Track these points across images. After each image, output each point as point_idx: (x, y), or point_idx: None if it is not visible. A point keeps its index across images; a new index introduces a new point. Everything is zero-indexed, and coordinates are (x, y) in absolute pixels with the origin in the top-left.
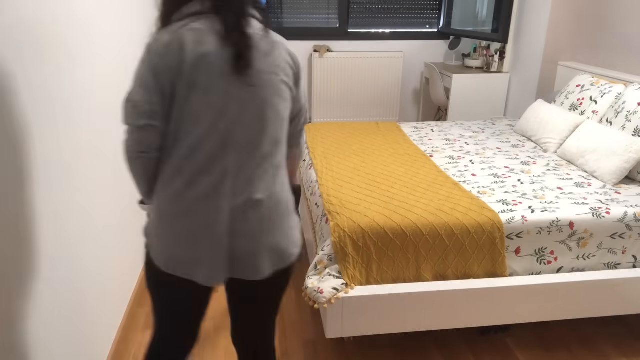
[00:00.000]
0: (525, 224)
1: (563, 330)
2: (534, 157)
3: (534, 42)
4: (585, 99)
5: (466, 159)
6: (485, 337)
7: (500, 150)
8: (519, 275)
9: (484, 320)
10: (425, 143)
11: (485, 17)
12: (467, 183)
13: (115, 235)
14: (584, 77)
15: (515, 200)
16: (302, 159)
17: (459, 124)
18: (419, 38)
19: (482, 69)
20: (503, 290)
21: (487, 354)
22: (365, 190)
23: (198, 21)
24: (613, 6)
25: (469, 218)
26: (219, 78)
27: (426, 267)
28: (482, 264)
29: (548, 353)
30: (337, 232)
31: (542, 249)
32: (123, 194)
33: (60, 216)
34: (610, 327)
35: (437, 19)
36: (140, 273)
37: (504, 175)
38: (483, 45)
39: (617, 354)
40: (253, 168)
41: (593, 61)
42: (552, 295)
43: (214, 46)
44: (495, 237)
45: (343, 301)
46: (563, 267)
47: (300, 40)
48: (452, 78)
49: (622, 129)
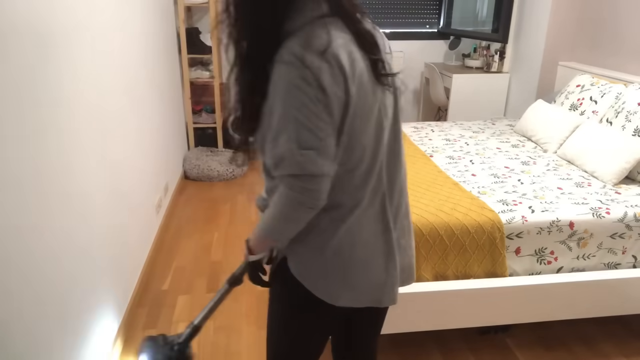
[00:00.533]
0: (525, 224)
1: (563, 330)
2: (534, 157)
3: (534, 42)
4: (585, 99)
5: (466, 159)
6: (485, 337)
7: (500, 150)
8: (519, 275)
9: (484, 320)
10: (425, 143)
11: (485, 17)
12: (467, 183)
13: (116, 235)
14: (584, 77)
15: (515, 200)
16: None
17: (459, 124)
18: (419, 38)
19: (482, 69)
20: (503, 290)
21: (487, 354)
22: None
23: (329, 28)
24: (613, 6)
25: (469, 218)
26: (372, 94)
27: (426, 267)
28: (482, 264)
29: (548, 353)
30: None
31: (542, 249)
32: (123, 194)
33: (59, 216)
34: (610, 327)
35: (437, 19)
36: (140, 273)
37: (504, 175)
38: (483, 45)
39: (617, 354)
40: (401, 176)
41: (593, 61)
42: (552, 295)
43: (361, 57)
44: (495, 237)
45: None
46: (563, 267)
47: None
48: (452, 78)
49: (622, 129)
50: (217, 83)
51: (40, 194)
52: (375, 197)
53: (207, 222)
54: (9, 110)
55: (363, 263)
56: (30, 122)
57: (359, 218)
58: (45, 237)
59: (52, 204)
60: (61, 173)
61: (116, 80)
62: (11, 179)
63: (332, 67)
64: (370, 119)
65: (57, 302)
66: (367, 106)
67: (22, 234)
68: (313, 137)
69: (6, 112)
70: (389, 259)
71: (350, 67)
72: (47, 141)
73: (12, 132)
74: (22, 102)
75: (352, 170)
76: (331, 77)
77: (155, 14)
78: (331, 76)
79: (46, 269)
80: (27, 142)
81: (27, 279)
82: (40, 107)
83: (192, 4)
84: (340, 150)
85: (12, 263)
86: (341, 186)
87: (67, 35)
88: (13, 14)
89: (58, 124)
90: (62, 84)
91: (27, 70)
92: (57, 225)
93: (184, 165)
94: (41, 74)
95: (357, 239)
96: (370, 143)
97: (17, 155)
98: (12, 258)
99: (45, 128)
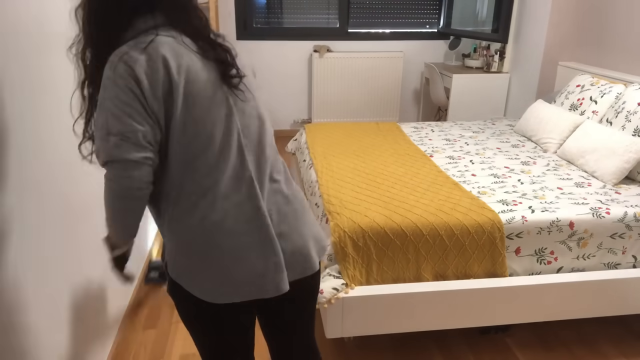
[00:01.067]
0: (525, 224)
1: (563, 330)
2: (534, 157)
3: (534, 42)
4: (585, 99)
5: (466, 159)
6: (485, 337)
7: (500, 150)
8: (519, 275)
9: (484, 320)
10: (425, 143)
11: (485, 17)
12: (467, 183)
13: None
14: (584, 77)
15: (515, 200)
16: None
17: (459, 124)
18: (419, 38)
19: (482, 69)
20: (503, 290)
21: (487, 354)
22: (365, 190)
23: (159, 32)
24: (613, 6)
25: (469, 218)
26: (214, 88)
27: (426, 267)
28: (482, 264)
29: (548, 353)
30: (337, 232)
31: (542, 249)
32: None
33: (59, 215)
34: (610, 327)
35: (437, 19)
36: (140, 273)
37: (504, 175)
38: (483, 45)
39: (617, 354)
40: (270, 168)
41: (593, 61)
42: (552, 295)
43: (193, 56)
44: (495, 237)
45: (343, 301)
46: (563, 267)
47: (300, 41)
48: (452, 78)
49: (622, 129)
50: None
51: (40, 194)
52: (239, 183)
53: None
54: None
55: (232, 253)
56: (30, 122)
57: (216, 205)
58: (45, 237)
59: (51, 204)
60: (61, 173)
61: None
62: (11, 178)
63: (150, 59)
64: (212, 110)
65: (57, 302)
66: (207, 98)
67: (22, 233)
68: (119, 124)
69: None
70: (266, 247)
71: (175, 60)
72: (47, 141)
73: (12, 133)
74: (21, 102)
75: (197, 156)
76: (148, 67)
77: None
78: (148, 66)
79: (46, 268)
80: (27, 142)
81: (26, 278)
82: (40, 107)
83: None
84: (179, 135)
85: (11, 263)
86: (186, 172)
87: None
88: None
89: (58, 124)
90: (61, 84)
91: (27, 70)
92: (57, 225)
93: None
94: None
95: (219, 227)
96: (217, 131)
97: (17, 158)
98: (11, 258)
99: (45, 128)
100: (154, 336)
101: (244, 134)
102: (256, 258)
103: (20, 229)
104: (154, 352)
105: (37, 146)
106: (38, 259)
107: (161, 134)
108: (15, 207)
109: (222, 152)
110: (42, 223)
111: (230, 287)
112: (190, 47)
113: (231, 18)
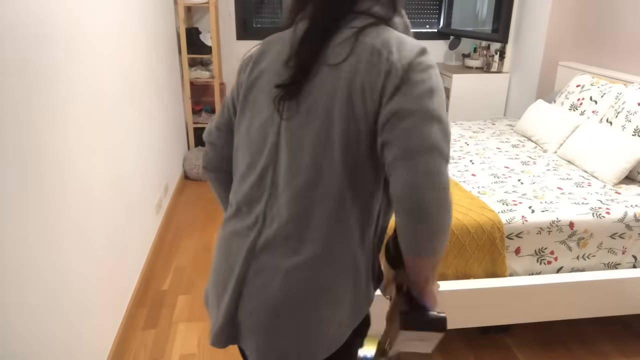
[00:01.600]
0: (525, 224)
1: (563, 330)
2: (534, 157)
3: (534, 42)
4: (585, 99)
5: (466, 159)
6: (485, 337)
7: (500, 150)
8: (519, 275)
9: (484, 320)
10: None
11: (485, 17)
12: (467, 183)
13: (116, 234)
14: (584, 77)
15: (515, 200)
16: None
17: (459, 123)
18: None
19: (482, 69)
20: (503, 290)
21: (487, 354)
22: None
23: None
24: (613, 6)
25: (469, 218)
26: (266, 93)
27: None
28: (482, 264)
29: (548, 353)
30: None
31: (542, 249)
32: (123, 194)
33: (58, 215)
34: (610, 327)
35: (437, 19)
36: (140, 273)
37: (504, 175)
38: (483, 45)
39: (617, 354)
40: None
41: (593, 61)
42: (552, 295)
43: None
44: (495, 237)
45: None
46: (563, 267)
47: None
48: (452, 78)
49: (622, 129)
50: (217, 83)
51: (40, 195)
52: (250, 206)
53: (207, 222)
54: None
55: (211, 285)
56: (29, 123)
57: (227, 223)
58: (44, 237)
59: (51, 204)
60: (60, 174)
61: (116, 80)
62: (11, 179)
63: (251, 55)
64: (246, 114)
65: (57, 302)
66: (251, 102)
67: (21, 234)
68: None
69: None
70: (232, 288)
71: (256, 57)
72: (46, 141)
73: (11, 133)
74: (20, 103)
75: (236, 163)
76: (243, 62)
77: (155, 14)
78: (243, 62)
79: (46, 268)
80: (27, 143)
81: (26, 279)
82: (39, 108)
83: (192, 4)
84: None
85: (10, 263)
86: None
87: (66, 35)
88: (13, 13)
89: (57, 124)
90: (60, 84)
91: (26, 71)
92: (57, 225)
93: (184, 166)
94: (40, 74)
95: (216, 251)
96: (250, 142)
97: (16, 159)
98: (10, 258)
99: (44, 128)
100: (154, 336)
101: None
102: (218, 296)
103: (17, 227)
104: (154, 352)
105: (37, 146)
106: (38, 259)
107: None
108: (15, 207)
109: (252, 165)
110: (40, 221)
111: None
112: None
113: (231, 18)
